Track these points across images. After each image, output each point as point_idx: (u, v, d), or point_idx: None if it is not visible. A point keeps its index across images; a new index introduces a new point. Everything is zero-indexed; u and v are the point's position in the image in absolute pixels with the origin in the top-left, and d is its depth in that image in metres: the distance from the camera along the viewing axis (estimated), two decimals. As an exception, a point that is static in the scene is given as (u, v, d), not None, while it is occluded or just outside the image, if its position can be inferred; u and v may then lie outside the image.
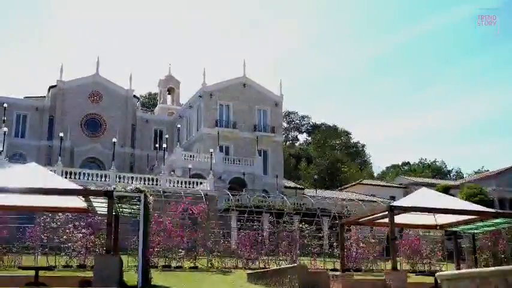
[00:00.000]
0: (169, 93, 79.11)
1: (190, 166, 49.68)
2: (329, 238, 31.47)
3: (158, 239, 23.96)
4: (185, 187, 43.75)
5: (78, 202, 16.94)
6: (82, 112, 62.99)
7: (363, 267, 27.04)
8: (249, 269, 24.70)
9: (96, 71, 65.48)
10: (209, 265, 25.13)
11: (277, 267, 21.34)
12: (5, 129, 46.20)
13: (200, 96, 61.49)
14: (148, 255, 17.65)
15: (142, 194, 16.42)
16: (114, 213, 16.56)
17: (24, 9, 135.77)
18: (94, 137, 62.60)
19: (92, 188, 23.90)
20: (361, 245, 27.23)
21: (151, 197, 17.53)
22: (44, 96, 65.79)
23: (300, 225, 29.29)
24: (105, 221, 22.17)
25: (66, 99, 62.52)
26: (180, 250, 24.87)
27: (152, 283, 16.95)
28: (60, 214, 24.46)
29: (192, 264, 24.58)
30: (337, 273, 20.11)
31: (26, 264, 21.21)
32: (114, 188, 16.66)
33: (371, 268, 27.60)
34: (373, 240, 28.33)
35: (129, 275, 18.04)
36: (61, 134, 46.92)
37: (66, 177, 35.13)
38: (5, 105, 50.35)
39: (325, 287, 17.06)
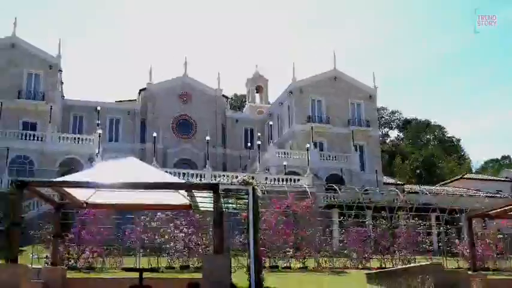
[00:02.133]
0: (257, 92, 77.93)
1: (285, 163, 48.12)
2: (445, 234, 28.73)
3: (263, 238, 22.23)
4: (282, 185, 42.17)
5: (179, 198, 15.47)
6: (172, 114, 62.80)
7: (489, 266, 24.20)
8: (363, 268, 22.57)
9: (185, 71, 65.29)
10: (316, 265, 23.19)
11: (404, 267, 18.95)
12: (100, 131, 46.45)
13: (290, 92, 59.85)
14: (260, 255, 15.87)
15: (250, 186, 14.66)
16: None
17: (111, 14, 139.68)
18: (185, 138, 62.22)
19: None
20: (488, 241, 24.36)
21: (259, 190, 15.77)
22: (135, 100, 66.26)
23: (413, 221, 26.79)
24: (207, 218, 20.89)
25: (157, 101, 62.59)
26: (287, 249, 23.07)
27: (265, 286, 15.17)
28: (159, 213, 23.40)
29: (300, 265, 22.69)
30: (469, 272, 17.63)
31: (128, 266, 20.19)
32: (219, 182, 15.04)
33: (497, 267, 24.71)
34: (500, 236, 25.36)
35: (237, 277, 16.37)
36: (154, 134, 46.52)
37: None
38: (98, 108, 50.76)
39: (465, 288, 14.58)
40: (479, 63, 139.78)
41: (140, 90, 64.69)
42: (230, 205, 15.94)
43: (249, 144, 61.61)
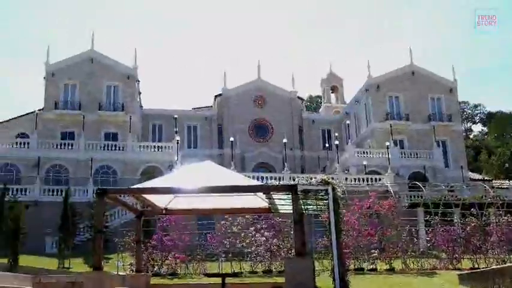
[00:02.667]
0: (332, 92, 77.07)
1: (365, 163, 47.14)
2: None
3: (347, 239, 21.52)
4: (363, 184, 41.28)
5: (258, 202, 15.13)
6: (248, 118, 63.09)
7: None
8: (454, 269, 21.41)
9: (258, 75, 65.39)
10: (404, 266, 22.23)
11: (500, 267, 17.79)
12: (178, 138, 47.14)
13: (366, 90, 58.75)
14: (344, 257, 15.26)
15: (329, 186, 14.12)
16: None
17: (184, 22, 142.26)
18: (262, 142, 62.28)
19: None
20: None
21: (339, 190, 15.20)
22: (211, 106, 67.00)
23: (505, 218, 25.20)
24: (288, 221, 20.47)
25: (232, 106, 63.07)
26: (372, 251, 22.26)
27: (351, 289, 14.55)
28: (239, 218, 23.26)
29: (387, 266, 21.80)
30: None
31: (211, 271, 20.08)
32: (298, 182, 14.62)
33: None
34: None
35: (321, 280, 15.85)
36: (231, 139, 46.70)
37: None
38: (175, 116, 51.59)
39: None
40: None
41: (215, 96, 65.38)
42: (310, 206, 15.50)
43: (326, 145, 60.86)
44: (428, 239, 25.95)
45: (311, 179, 29.31)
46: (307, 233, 18.31)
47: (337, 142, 50.37)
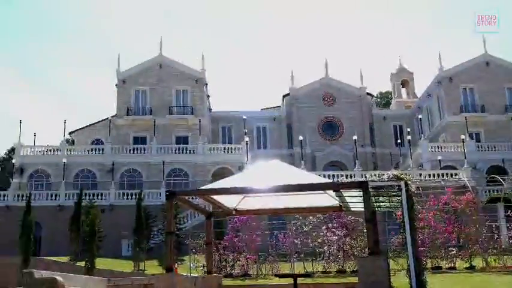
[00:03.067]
0: (403, 87, 75.29)
1: (439, 158, 45.70)
2: None
3: (422, 237, 20.78)
4: (438, 180, 40.05)
5: (329, 200, 14.80)
6: (317, 116, 62.53)
7: None
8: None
9: (326, 73, 64.74)
10: (484, 264, 21.23)
11: None
12: (247, 139, 47.30)
13: (439, 83, 56.97)
14: (420, 255, 14.64)
15: (402, 181, 13.57)
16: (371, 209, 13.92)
17: (249, 22, 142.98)
18: (332, 140, 61.59)
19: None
20: None
21: (413, 185, 14.58)
22: (279, 106, 66.90)
23: None
24: (360, 219, 20.01)
25: (301, 105, 62.74)
26: (450, 248, 21.39)
27: (429, 289, 13.92)
28: (311, 217, 22.94)
29: (466, 265, 20.89)
30: None
31: (283, 272, 19.87)
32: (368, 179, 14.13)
33: None
34: None
35: (397, 280, 15.29)
36: (300, 138, 46.36)
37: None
38: (244, 117, 51.69)
39: None
40: None
41: (284, 96, 65.25)
42: (382, 203, 14.97)
43: (398, 141, 59.46)
44: (510, 235, 24.79)
45: (382, 175, 28.51)
46: (380, 231, 17.78)
47: (409, 137, 49.15)
